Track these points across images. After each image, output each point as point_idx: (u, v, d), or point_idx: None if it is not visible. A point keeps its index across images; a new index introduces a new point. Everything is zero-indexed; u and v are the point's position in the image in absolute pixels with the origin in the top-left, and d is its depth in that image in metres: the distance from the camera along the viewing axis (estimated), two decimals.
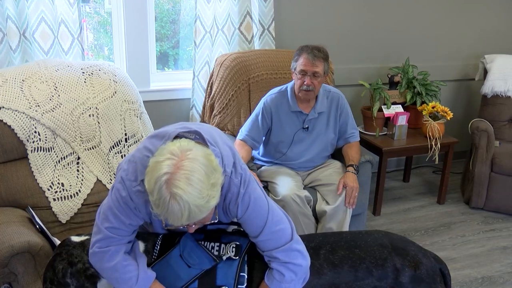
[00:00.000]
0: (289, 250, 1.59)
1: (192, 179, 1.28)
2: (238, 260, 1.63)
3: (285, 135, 2.61)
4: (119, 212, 1.51)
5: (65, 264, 1.57)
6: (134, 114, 2.53)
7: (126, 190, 1.49)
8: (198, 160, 1.31)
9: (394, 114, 3.39)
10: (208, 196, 1.31)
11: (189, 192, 1.27)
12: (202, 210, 1.31)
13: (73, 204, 2.29)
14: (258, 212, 1.57)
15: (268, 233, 1.57)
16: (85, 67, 2.48)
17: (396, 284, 1.66)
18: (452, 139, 3.47)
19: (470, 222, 3.36)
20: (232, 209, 1.56)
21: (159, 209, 1.31)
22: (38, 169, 2.25)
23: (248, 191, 1.54)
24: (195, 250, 1.63)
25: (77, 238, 1.67)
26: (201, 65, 3.07)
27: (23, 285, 1.84)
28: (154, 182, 1.29)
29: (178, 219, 1.30)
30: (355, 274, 1.67)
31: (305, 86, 2.47)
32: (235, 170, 1.53)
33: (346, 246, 1.72)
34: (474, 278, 2.75)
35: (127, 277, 1.54)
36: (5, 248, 1.76)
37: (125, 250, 1.57)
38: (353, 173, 2.53)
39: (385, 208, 3.49)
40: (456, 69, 4.05)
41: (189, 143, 1.37)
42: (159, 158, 1.32)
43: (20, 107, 2.21)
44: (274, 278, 1.60)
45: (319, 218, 2.54)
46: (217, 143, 1.52)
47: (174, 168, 1.29)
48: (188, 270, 1.61)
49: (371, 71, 3.72)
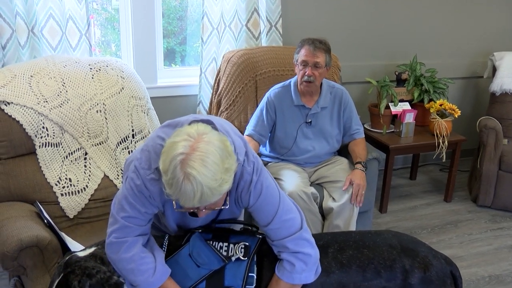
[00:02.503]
0: (299, 239, 1.59)
1: (207, 161, 1.29)
2: (246, 261, 1.62)
3: (289, 129, 2.61)
4: (134, 201, 1.52)
5: (82, 278, 1.52)
6: (141, 110, 2.54)
7: (140, 179, 1.50)
8: (213, 143, 1.33)
9: (401, 111, 3.38)
10: (222, 179, 1.32)
11: (203, 173, 1.28)
12: (214, 193, 1.32)
13: (81, 199, 2.30)
14: (270, 200, 1.58)
15: (279, 222, 1.58)
16: (92, 63, 2.49)
17: (405, 285, 1.64)
18: (460, 137, 3.45)
19: (477, 220, 3.35)
20: (244, 197, 1.56)
21: (172, 189, 1.32)
22: (46, 164, 2.26)
23: (260, 179, 1.55)
24: (204, 250, 1.62)
25: (83, 252, 1.62)
26: (208, 62, 3.07)
27: (32, 278, 1.86)
28: (169, 162, 1.31)
29: (190, 200, 1.32)
30: (363, 274, 1.65)
31: (306, 77, 2.48)
32: (247, 159, 1.54)
33: (354, 246, 1.70)
34: (481, 276, 2.73)
35: (144, 268, 1.54)
36: (14, 242, 1.78)
37: (142, 242, 1.57)
38: (361, 170, 2.52)
39: (391, 206, 3.48)
40: (464, 66, 4.02)
41: (206, 127, 1.39)
42: (175, 138, 1.34)
43: (29, 102, 2.22)
44: (285, 269, 1.60)
45: (325, 215, 2.54)
46: (228, 133, 1.53)
47: (190, 149, 1.30)
48: (197, 270, 1.60)
49: (378, 68, 3.71)
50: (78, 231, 2.24)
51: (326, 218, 2.54)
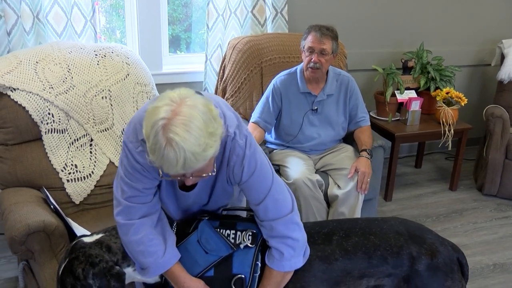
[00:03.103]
0: (289, 222, 1.56)
1: (190, 126, 1.24)
2: (254, 248, 1.62)
3: (295, 116, 2.61)
4: (130, 180, 1.50)
5: (85, 266, 1.52)
6: (146, 96, 2.54)
7: (130, 154, 1.47)
8: (197, 107, 1.27)
9: (407, 99, 3.36)
10: (206, 144, 1.27)
11: (185, 138, 1.24)
12: (198, 159, 1.27)
13: (86, 186, 2.31)
14: (263, 178, 1.54)
15: (271, 201, 1.54)
16: (98, 49, 2.48)
17: (412, 272, 1.63)
18: (466, 125, 3.43)
19: (482, 209, 3.34)
20: (236, 172, 1.52)
21: (154, 155, 1.27)
22: (52, 150, 2.27)
23: (254, 155, 1.51)
24: (213, 237, 1.62)
25: (89, 238, 1.61)
26: (214, 48, 3.05)
27: (39, 262, 1.88)
28: (150, 127, 1.26)
29: (173, 166, 1.26)
30: (369, 260, 1.64)
31: (312, 64, 2.47)
32: (239, 132, 1.49)
33: (360, 233, 1.69)
34: (485, 264, 2.74)
35: (153, 250, 1.53)
36: (22, 227, 1.79)
37: (151, 223, 1.56)
38: (366, 158, 2.52)
39: (396, 194, 3.48)
40: (472, 54, 3.98)
41: (189, 91, 1.33)
42: (158, 103, 1.29)
43: (34, 89, 2.22)
44: (274, 258, 1.58)
45: (330, 203, 2.54)
46: (220, 106, 1.48)
47: (172, 114, 1.25)
48: (205, 256, 1.60)
49: (384, 55, 3.68)
50: (84, 217, 2.25)
51: (331, 206, 2.54)
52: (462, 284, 1.68)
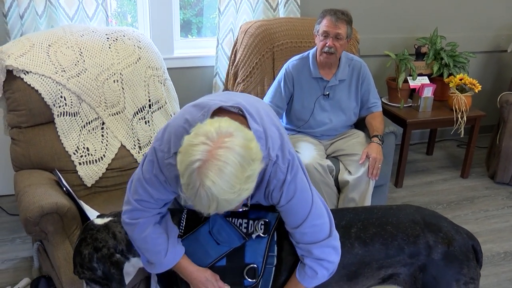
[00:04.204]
0: (326, 246, 1.53)
1: (225, 172, 1.19)
2: (267, 237, 1.60)
3: (306, 101, 2.59)
4: (148, 185, 1.47)
5: (90, 249, 1.56)
6: (158, 80, 2.54)
7: (157, 162, 1.44)
8: (235, 149, 1.20)
9: (420, 85, 3.32)
10: (240, 190, 1.22)
11: (219, 185, 1.19)
12: (231, 203, 1.24)
13: (98, 169, 2.33)
14: (302, 204, 1.49)
15: (308, 226, 1.51)
16: (109, 33, 2.48)
17: (428, 261, 1.63)
18: (479, 113, 3.39)
19: (494, 197, 3.31)
20: (275, 196, 1.47)
21: (188, 193, 1.24)
22: (64, 133, 2.29)
23: (294, 180, 1.45)
24: (224, 227, 1.60)
25: (100, 220, 1.64)
26: (225, 33, 3.04)
27: (53, 243, 1.90)
28: (185, 167, 1.22)
29: (205, 208, 1.24)
30: (386, 251, 1.64)
31: (326, 48, 2.44)
32: (282, 155, 1.43)
33: (377, 223, 1.67)
34: (496, 252, 2.72)
35: (157, 249, 1.53)
36: (35, 208, 1.82)
37: (154, 222, 1.55)
38: (378, 144, 2.51)
39: (407, 181, 3.46)
40: (487, 40, 3.91)
41: (230, 125, 1.25)
42: (193, 140, 1.22)
43: (47, 72, 2.23)
44: (306, 275, 1.56)
45: (341, 188, 2.54)
46: (263, 122, 1.42)
47: (208, 156, 1.19)
48: (217, 247, 1.59)
49: (397, 41, 3.63)
50: (95, 199, 2.27)
51: (341, 191, 2.54)
52: (478, 271, 1.67)
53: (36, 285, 2.07)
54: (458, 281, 1.62)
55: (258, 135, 1.36)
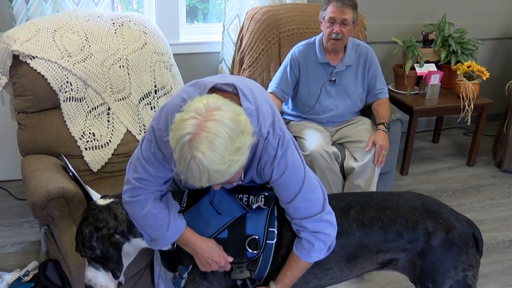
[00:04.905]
0: (318, 221, 1.55)
1: (214, 143, 1.22)
2: (267, 209, 1.62)
3: (313, 87, 2.58)
4: (147, 163, 1.50)
5: (91, 229, 1.58)
6: (164, 66, 2.53)
7: (155, 140, 1.47)
8: (223, 122, 1.24)
9: (427, 72, 3.29)
10: (231, 161, 1.25)
11: (209, 157, 1.22)
12: (223, 175, 1.27)
13: (104, 154, 2.34)
14: (294, 178, 1.52)
15: (300, 201, 1.53)
16: (115, 18, 2.47)
17: (427, 247, 1.63)
18: (487, 100, 3.36)
19: (500, 185, 3.30)
20: (267, 171, 1.50)
21: (180, 167, 1.28)
22: (70, 118, 2.29)
23: (285, 155, 1.48)
24: (225, 197, 1.62)
25: (103, 201, 1.66)
26: (231, 18, 3.02)
27: (59, 228, 1.92)
28: (176, 141, 1.26)
29: (197, 181, 1.27)
30: (385, 235, 1.65)
31: (334, 34, 2.43)
32: (273, 131, 1.46)
33: (377, 207, 1.69)
34: (501, 240, 2.72)
35: (159, 224, 1.55)
36: (42, 193, 1.83)
37: (154, 198, 1.57)
38: (384, 131, 2.50)
39: (412, 168, 3.45)
40: (497, 27, 3.86)
41: (218, 100, 1.30)
42: (184, 115, 1.27)
43: (53, 57, 2.23)
44: (303, 248, 1.57)
45: (346, 175, 2.54)
46: (255, 100, 1.45)
47: (198, 129, 1.23)
48: (218, 217, 1.60)
49: (404, 28, 3.59)
50: (101, 184, 2.29)
51: (347, 178, 2.54)
52: (477, 259, 1.68)
53: (44, 268, 2.10)
54: (457, 267, 1.63)
55: (249, 112, 1.39)
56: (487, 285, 2.39)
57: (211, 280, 1.64)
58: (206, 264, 1.58)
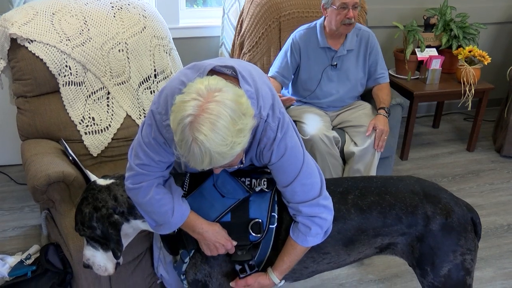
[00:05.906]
0: (315, 205, 1.55)
1: (216, 125, 1.21)
2: (270, 192, 1.62)
3: (313, 72, 2.57)
4: (148, 148, 1.49)
5: (90, 209, 1.59)
6: (163, 50, 2.51)
7: (155, 125, 1.45)
8: (225, 103, 1.23)
9: (428, 57, 3.28)
10: (233, 143, 1.24)
11: (211, 138, 1.21)
12: (224, 157, 1.26)
13: (104, 138, 2.34)
14: (292, 162, 1.51)
15: (298, 185, 1.53)
16: (114, 1, 2.45)
17: (426, 231, 1.64)
18: (488, 85, 3.35)
19: (500, 170, 3.31)
20: (266, 154, 1.49)
21: (181, 150, 1.26)
22: (70, 103, 2.29)
23: (285, 138, 1.47)
24: (229, 180, 1.62)
25: (103, 181, 1.66)
26: (231, 2, 2.99)
27: (60, 212, 1.93)
28: (177, 123, 1.24)
29: (199, 163, 1.26)
30: (384, 220, 1.65)
31: (347, 20, 2.40)
32: (272, 113, 1.45)
33: (376, 192, 1.68)
34: (499, 225, 2.74)
35: (163, 210, 1.54)
36: (42, 177, 1.83)
37: (157, 184, 1.56)
38: (384, 116, 2.49)
39: (412, 153, 3.45)
40: (500, 10, 3.82)
41: (219, 82, 1.28)
42: (185, 97, 1.25)
43: (51, 40, 2.21)
44: (300, 232, 1.57)
45: (346, 160, 2.54)
46: (255, 82, 1.44)
47: (199, 110, 1.22)
48: (222, 200, 1.60)
49: (406, 12, 3.56)
50: (101, 169, 2.29)
51: (347, 163, 2.54)
52: (475, 243, 1.69)
53: (45, 252, 2.11)
54: (455, 251, 1.64)
55: (249, 95, 1.38)
56: (485, 269, 2.41)
57: (212, 264, 1.65)
58: (213, 248, 1.58)
